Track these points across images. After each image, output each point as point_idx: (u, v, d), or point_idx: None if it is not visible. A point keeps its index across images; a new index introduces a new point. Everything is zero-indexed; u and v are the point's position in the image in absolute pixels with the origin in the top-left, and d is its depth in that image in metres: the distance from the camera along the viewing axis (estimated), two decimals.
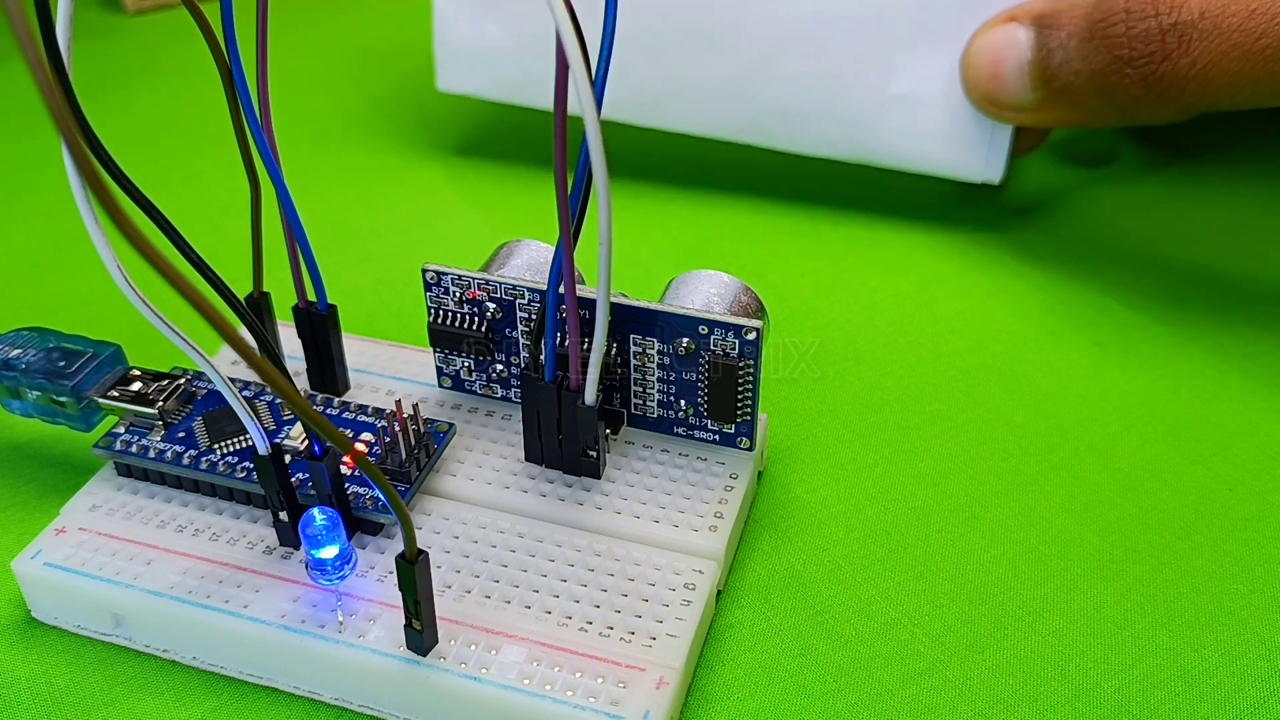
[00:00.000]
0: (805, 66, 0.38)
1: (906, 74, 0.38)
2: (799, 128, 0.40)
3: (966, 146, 0.38)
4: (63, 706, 0.25)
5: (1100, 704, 0.25)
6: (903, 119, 0.38)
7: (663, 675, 0.24)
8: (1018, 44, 0.35)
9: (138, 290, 0.22)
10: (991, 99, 0.37)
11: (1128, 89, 0.33)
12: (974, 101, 0.37)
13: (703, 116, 0.40)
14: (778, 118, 0.40)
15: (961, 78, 0.37)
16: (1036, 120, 0.37)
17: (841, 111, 0.39)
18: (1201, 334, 0.35)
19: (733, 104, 0.40)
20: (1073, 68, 0.34)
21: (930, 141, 0.38)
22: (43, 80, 0.15)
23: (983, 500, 0.30)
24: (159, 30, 0.56)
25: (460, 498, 0.28)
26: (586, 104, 0.21)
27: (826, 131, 0.39)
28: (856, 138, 0.39)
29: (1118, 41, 0.33)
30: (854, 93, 0.38)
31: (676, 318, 0.27)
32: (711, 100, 0.40)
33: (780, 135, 0.40)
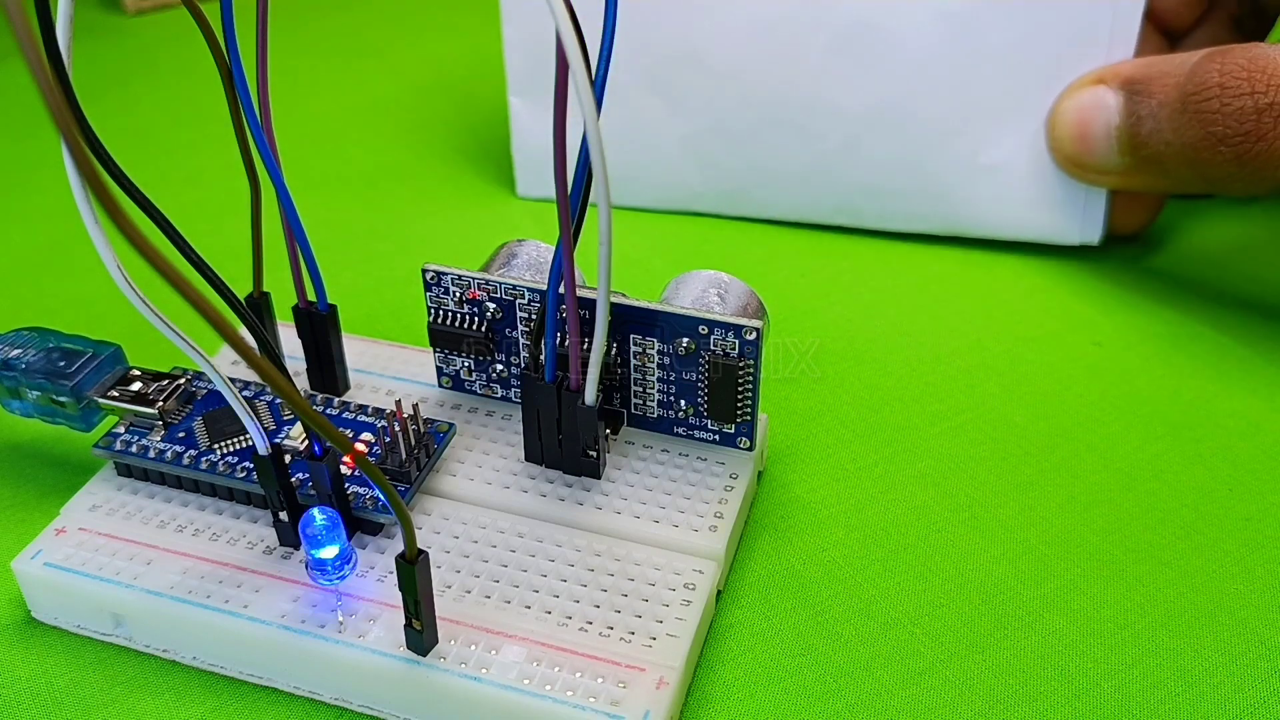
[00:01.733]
0: (891, 145, 0.38)
1: (995, 144, 0.38)
2: (889, 205, 0.39)
3: (1061, 211, 0.38)
4: (63, 706, 0.25)
5: (1100, 704, 0.25)
6: (994, 188, 0.38)
7: (663, 675, 0.24)
8: (1106, 108, 0.35)
9: (138, 290, 0.22)
10: (1077, 161, 0.36)
11: (1220, 165, 0.33)
12: (1059, 163, 0.37)
13: (791, 202, 0.40)
14: (866, 197, 0.39)
15: (1047, 139, 0.37)
16: (1122, 184, 0.36)
17: (931, 186, 0.39)
18: (1201, 334, 0.36)
19: (820, 188, 0.40)
20: (1163, 138, 0.34)
21: (1024, 208, 0.38)
22: (43, 80, 0.15)
23: (983, 500, 0.30)
24: (159, 30, 0.56)
25: (460, 498, 0.28)
26: (586, 104, 0.21)
27: (917, 207, 0.39)
28: (948, 211, 0.39)
29: (1211, 118, 0.32)
30: (942, 167, 0.38)
31: (676, 318, 0.27)
32: (799, 186, 0.40)
33: (870, 214, 0.40)
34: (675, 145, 0.40)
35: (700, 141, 0.40)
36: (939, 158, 0.38)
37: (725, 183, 0.40)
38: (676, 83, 0.39)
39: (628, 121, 0.40)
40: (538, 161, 0.41)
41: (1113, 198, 0.38)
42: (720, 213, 0.41)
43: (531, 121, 0.41)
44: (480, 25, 0.55)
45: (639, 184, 0.41)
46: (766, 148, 0.39)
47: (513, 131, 0.41)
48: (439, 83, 0.51)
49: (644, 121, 0.40)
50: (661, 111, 0.39)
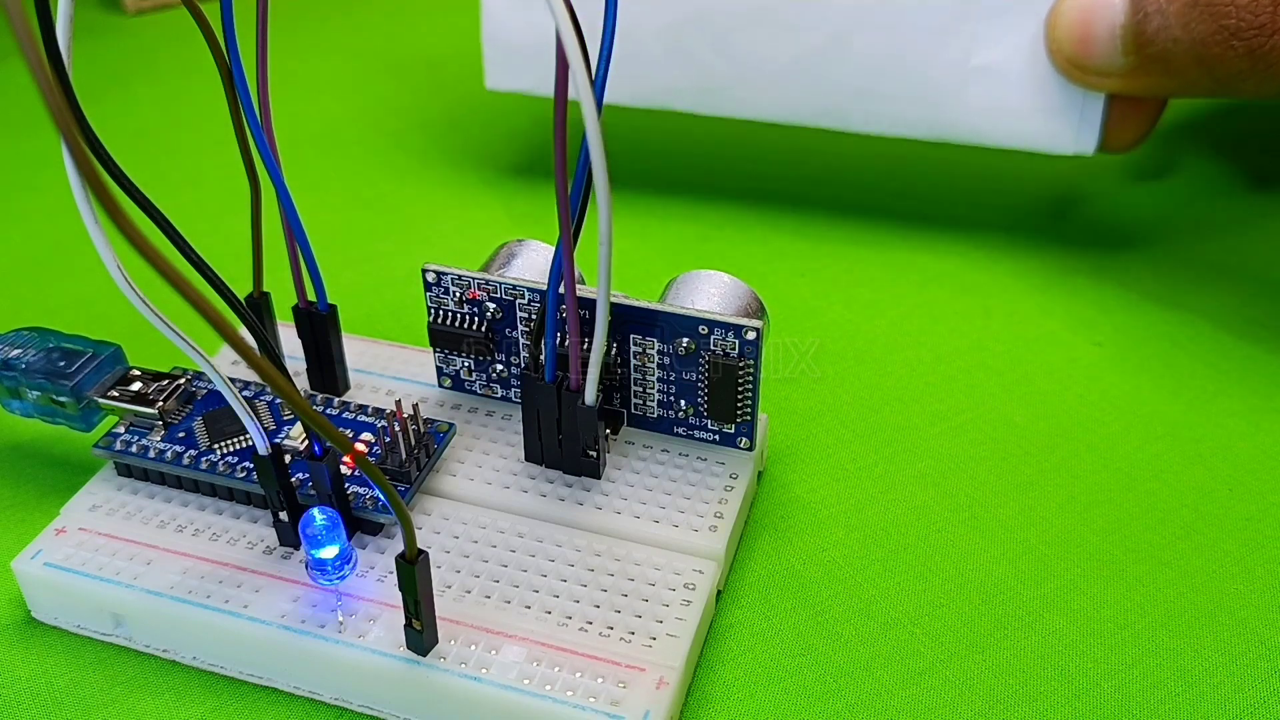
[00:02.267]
0: (881, 43, 0.36)
1: (989, 45, 0.36)
2: (876, 108, 0.38)
3: (1056, 118, 0.36)
4: (63, 706, 0.25)
5: (1100, 704, 0.25)
6: (987, 93, 0.36)
7: (663, 675, 0.24)
8: (1110, 5, 0.33)
9: (138, 290, 0.22)
10: (1078, 63, 0.35)
11: (1231, 61, 0.31)
12: (1058, 66, 0.35)
13: (774, 101, 0.38)
14: (853, 99, 0.38)
15: (1046, 40, 0.35)
16: (1125, 87, 0.35)
17: (921, 89, 0.37)
18: (1201, 334, 0.35)
19: (805, 87, 0.38)
20: (1171, 34, 0.32)
21: (1017, 115, 0.37)
22: (43, 80, 0.15)
23: (983, 500, 0.30)
24: (159, 30, 0.56)
25: (460, 498, 0.28)
26: (586, 104, 0.21)
27: (906, 111, 0.37)
28: (938, 116, 0.37)
29: (1224, 10, 0.31)
30: (934, 68, 0.37)
31: (676, 318, 0.27)
32: (782, 84, 0.38)
33: (856, 117, 0.38)
34: (652, 37, 0.38)
35: (679, 33, 0.38)
36: (930, 58, 0.37)
37: (704, 79, 0.38)
38: None
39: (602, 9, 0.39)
40: (508, 52, 0.39)
41: (1109, 109, 0.36)
42: (698, 110, 0.39)
43: (504, 9, 0.39)
44: (479, 25, 0.55)
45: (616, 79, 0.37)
46: (749, 42, 0.37)
47: (483, 19, 0.39)
48: (439, 82, 0.51)
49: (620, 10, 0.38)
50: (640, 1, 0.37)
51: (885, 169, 0.44)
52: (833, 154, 0.45)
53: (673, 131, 0.46)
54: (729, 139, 0.46)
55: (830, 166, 0.44)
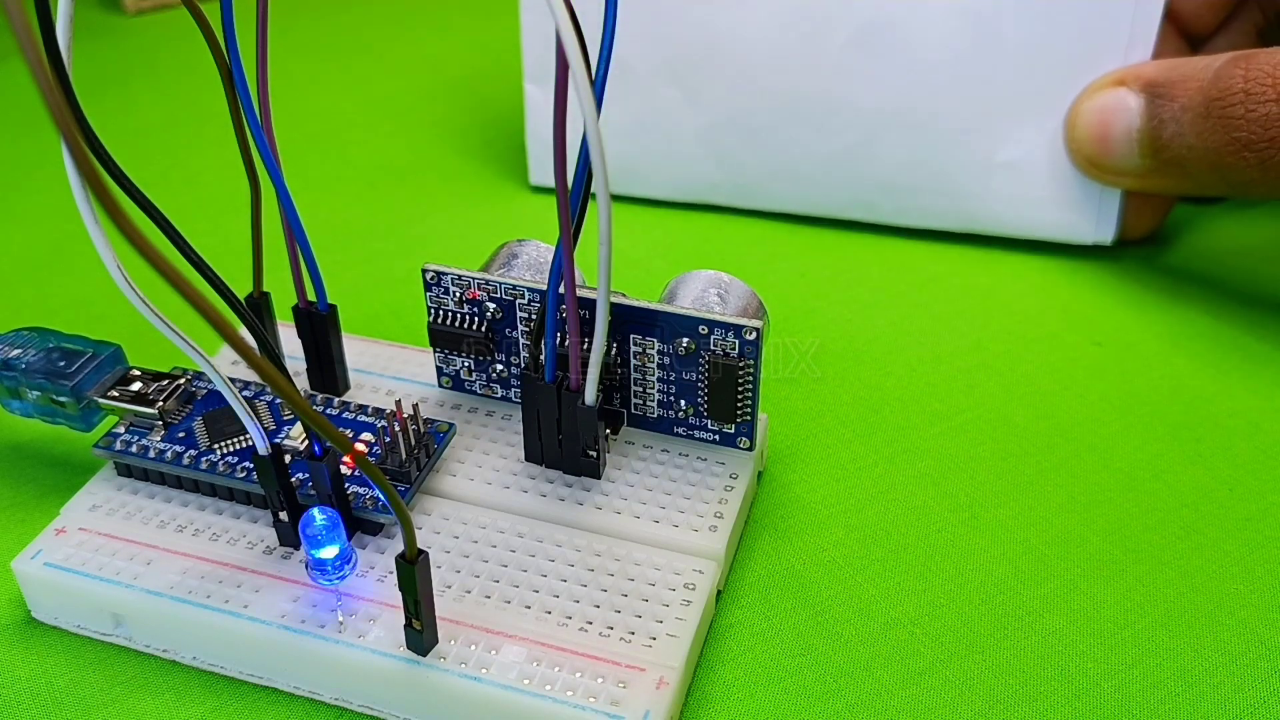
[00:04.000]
0: (909, 141, 0.38)
1: (1012, 142, 0.38)
2: (904, 201, 0.39)
3: (1076, 210, 0.38)
4: (63, 706, 0.25)
5: (1100, 704, 0.25)
6: (1010, 186, 0.38)
7: (663, 675, 0.24)
8: (1127, 110, 0.35)
9: (138, 290, 0.22)
10: (1096, 163, 0.36)
11: (1243, 170, 0.33)
12: (1077, 164, 0.37)
13: (806, 197, 0.40)
14: (882, 193, 0.39)
15: (1066, 140, 0.37)
16: (1141, 186, 0.36)
17: (947, 183, 0.39)
18: (1201, 334, 0.35)
19: (836, 183, 0.40)
20: (1186, 141, 0.33)
21: (1039, 207, 0.38)
22: (43, 80, 0.15)
23: (983, 500, 0.30)
24: (159, 30, 0.56)
25: (460, 498, 0.28)
26: (586, 104, 0.21)
27: (933, 203, 0.39)
28: (964, 208, 0.39)
29: (1236, 123, 0.32)
30: (959, 164, 0.38)
31: (676, 318, 0.27)
32: (814, 180, 0.40)
33: (886, 209, 0.40)
34: (692, 137, 0.40)
35: (717, 134, 0.40)
36: (955, 155, 0.38)
37: (741, 176, 0.40)
38: (695, 75, 0.39)
39: (645, 112, 0.40)
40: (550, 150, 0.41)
41: (1126, 199, 0.38)
42: (735, 205, 0.41)
43: (547, 110, 0.40)
44: (480, 25, 0.56)
45: (654, 175, 0.41)
46: (783, 142, 0.39)
47: (527, 119, 0.41)
48: (439, 82, 0.51)
49: (661, 112, 0.40)
50: (679, 103, 0.39)
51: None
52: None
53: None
54: None
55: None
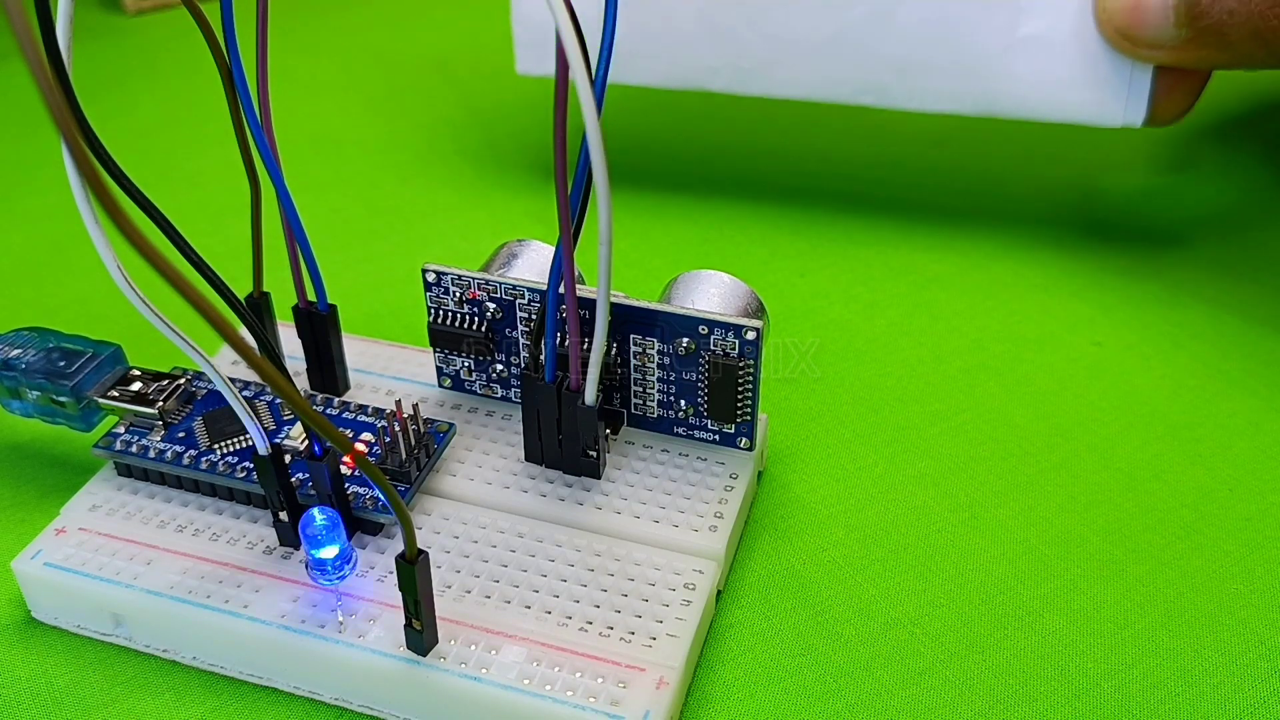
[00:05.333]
0: (924, 14, 0.36)
1: (1035, 14, 0.35)
2: (919, 82, 0.37)
3: (1104, 89, 0.35)
4: (63, 706, 0.25)
5: (1100, 704, 0.25)
6: (1033, 64, 0.36)
7: (663, 675, 0.24)
8: None
9: (138, 290, 0.22)
10: (1128, 34, 0.34)
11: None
12: (1107, 37, 0.34)
13: (813, 79, 0.37)
14: (895, 73, 0.37)
15: (1095, 10, 0.34)
16: (1176, 59, 0.34)
17: (966, 61, 0.36)
18: (1201, 334, 0.35)
19: (845, 62, 0.37)
20: (1226, 6, 0.31)
21: (1064, 87, 0.36)
22: (43, 80, 0.15)
23: (983, 500, 0.30)
24: (159, 30, 0.56)
25: (460, 498, 0.28)
26: (586, 104, 0.21)
27: (949, 84, 0.37)
28: (982, 88, 0.36)
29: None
30: (979, 39, 0.36)
31: (676, 318, 0.27)
32: (822, 61, 0.37)
33: (898, 92, 0.37)
34: (689, 16, 0.37)
35: (716, 11, 0.37)
36: (976, 29, 0.36)
37: (742, 58, 0.37)
38: None
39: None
40: (539, 37, 0.39)
41: (1156, 78, 0.35)
42: (735, 90, 0.38)
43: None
44: (480, 24, 0.55)
45: (650, 59, 0.38)
46: (788, 18, 0.37)
47: (513, 4, 0.38)
48: (438, 82, 0.51)
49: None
50: None
51: (886, 169, 0.44)
52: (833, 154, 0.45)
53: (674, 131, 0.46)
54: (729, 139, 0.46)
55: (830, 166, 0.44)
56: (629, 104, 0.47)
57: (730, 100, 0.45)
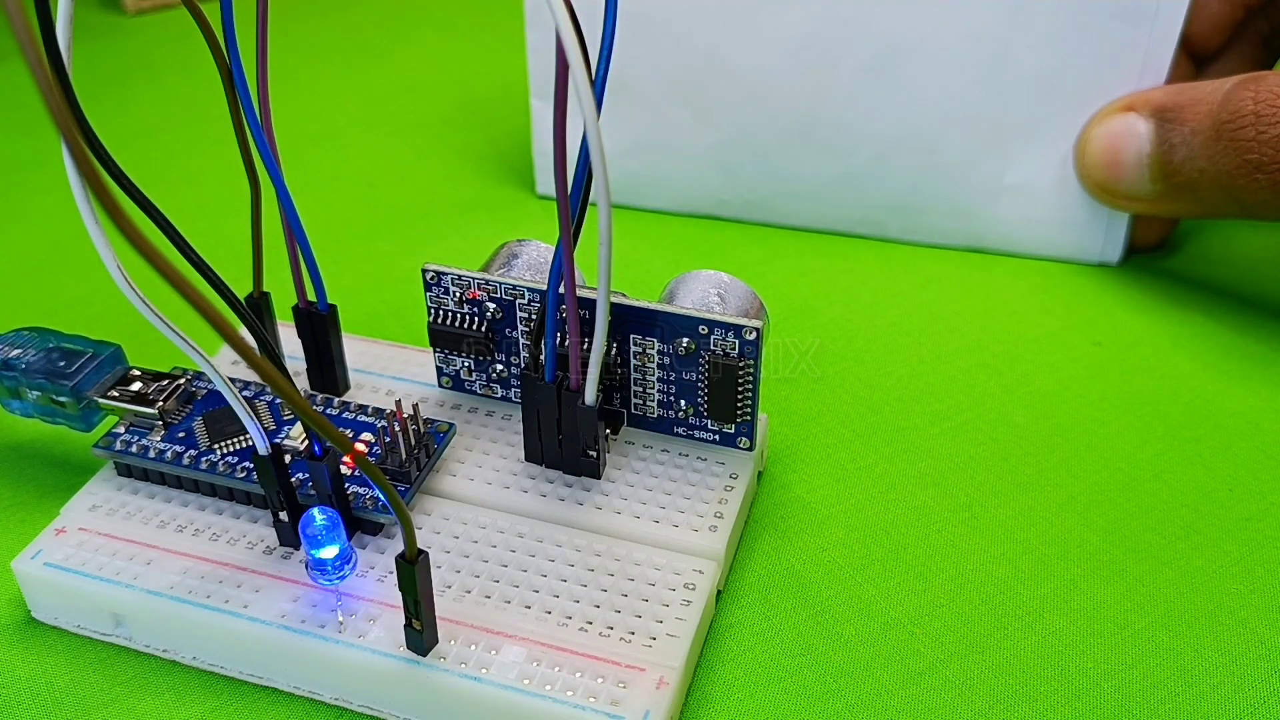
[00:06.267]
0: (918, 163, 0.38)
1: (1021, 165, 0.38)
2: (913, 220, 0.40)
3: (1083, 232, 0.38)
4: (63, 706, 0.25)
5: (1100, 704, 0.25)
6: (1019, 208, 0.38)
7: (663, 675, 0.24)
8: (1137, 135, 0.35)
9: (138, 290, 0.22)
10: (1107, 188, 0.36)
11: (1255, 192, 0.33)
12: (1088, 189, 0.37)
13: (814, 213, 0.40)
14: (891, 212, 0.40)
15: (1076, 165, 0.37)
16: (1152, 210, 0.36)
17: (957, 203, 0.39)
18: (1201, 334, 0.36)
19: (845, 201, 0.40)
20: (1197, 165, 0.33)
21: (1047, 229, 0.38)
22: (43, 80, 0.15)
23: (983, 500, 0.30)
24: (159, 30, 0.56)
25: (460, 498, 0.28)
26: (586, 104, 0.21)
27: (941, 223, 0.39)
28: (972, 228, 0.39)
29: (1247, 145, 0.32)
30: (969, 185, 0.38)
31: (676, 318, 0.27)
32: (823, 198, 0.40)
33: (893, 227, 0.40)
34: (702, 154, 0.40)
35: (726, 151, 0.40)
36: (964, 177, 0.38)
37: (750, 192, 0.41)
38: (704, 94, 0.39)
39: (654, 130, 0.40)
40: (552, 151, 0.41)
41: (1134, 217, 0.38)
42: (743, 219, 0.41)
43: (551, 124, 0.40)
44: (481, 24, 0.56)
45: (665, 188, 0.41)
46: (792, 162, 0.40)
47: (534, 133, 0.41)
48: (438, 82, 0.51)
49: (671, 130, 0.40)
50: (689, 121, 0.40)
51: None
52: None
53: None
54: None
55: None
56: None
57: None
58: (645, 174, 0.41)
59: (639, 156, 0.41)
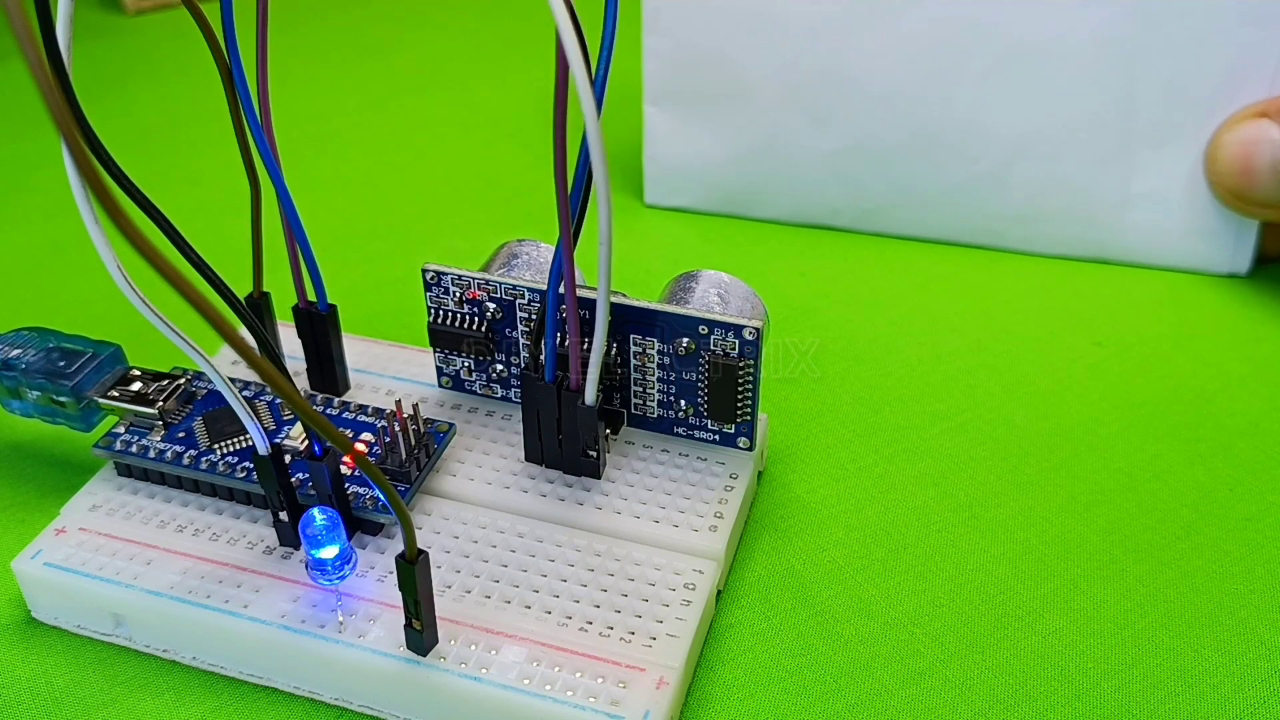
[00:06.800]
0: (1043, 170, 0.38)
1: (1149, 172, 0.37)
2: (1035, 229, 0.39)
3: (1212, 241, 0.38)
4: (63, 706, 0.25)
5: (1100, 704, 0.25)
6: (1145, 217, 0.38)
7: (663, 675, 0.24)
8: (1271, 142, 0.35)
9: (138, 290, 0.22)
10: (1240, 194, 0.36)
11: None
12: (1219, 197, 0.36)
13: (932, 223, 0.40)
14: (1012, 221, 0.39)
15: (1206, 171, 0.37)
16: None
17: (1081, 212, 0.38)
18: (1201, 334, 0.35)
19: (965, 209, 0.39)
20: None
21: (1174, 238, 0.38)
22: (43, 80, 0.15)
23: (983, 500, 0.30)
24: (159, 30, 0.56)
25: (460, 498, 0.28)
26: (586, 104, 0.21)
27: (1064, 232, 0.39)
28: (1096, 237, 0.39)
29: None
30: (1095, 193, 0.38)
31: (676, 318, 0.27)
32: (943, 207, 0.39)
33: (1014, 237, 0.39)
34: (818, 161, 0.39)
35: (844, 159, 0.39)
36: (1091, 184, 0.38)
37: (866, 201, 0.40)
38: (823, 99, 0.39)
39: (770, 136, 0.39)
40: (668, 171, 0.41)
41: (1263, 226, 0.37)
42: (857, 229, 0.41)
43: (665, 131, 0.40)
44: (479, 24, 0.55)
45: (777, 198, 0.41)
46: (912, 168, 0.39)
47: (646, 140, 0.41)
48: (438, 82, 0.51)
49: (786, 136, 0.39)
50: (806, 127, 0.39)
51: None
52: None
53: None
54: None
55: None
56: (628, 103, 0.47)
57: None
58: (758, 182, 0.40)
59: (752, 164, 0.40)
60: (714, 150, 0.40)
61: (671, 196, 0.42)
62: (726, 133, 0.40)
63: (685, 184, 0.41)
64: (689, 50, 0.39)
